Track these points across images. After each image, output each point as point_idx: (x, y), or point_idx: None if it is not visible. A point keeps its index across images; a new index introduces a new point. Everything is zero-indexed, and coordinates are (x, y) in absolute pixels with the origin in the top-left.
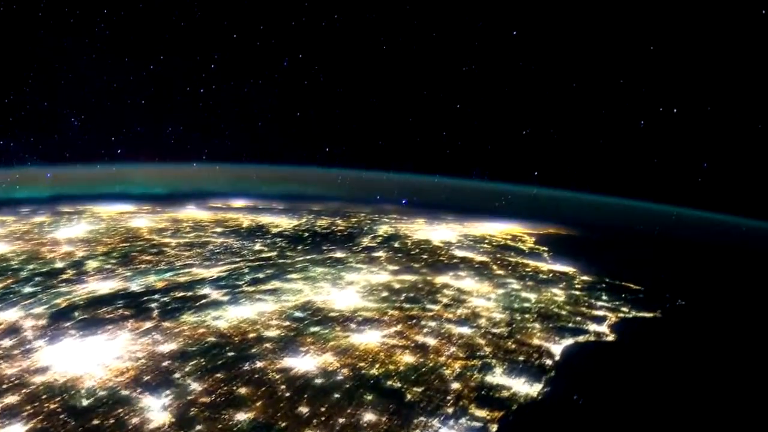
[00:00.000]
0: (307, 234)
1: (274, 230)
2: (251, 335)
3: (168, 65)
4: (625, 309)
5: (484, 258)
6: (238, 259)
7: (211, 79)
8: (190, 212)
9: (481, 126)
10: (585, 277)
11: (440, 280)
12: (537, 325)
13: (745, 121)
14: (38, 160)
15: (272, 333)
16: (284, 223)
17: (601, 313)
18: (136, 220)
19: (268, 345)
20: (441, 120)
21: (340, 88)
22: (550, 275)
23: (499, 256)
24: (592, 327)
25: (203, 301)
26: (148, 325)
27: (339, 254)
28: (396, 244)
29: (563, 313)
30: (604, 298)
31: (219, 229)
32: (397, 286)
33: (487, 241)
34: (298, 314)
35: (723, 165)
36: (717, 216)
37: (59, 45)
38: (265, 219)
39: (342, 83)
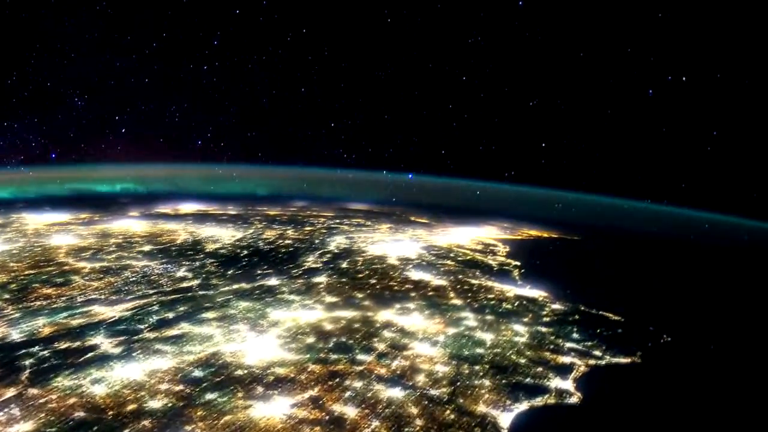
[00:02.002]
0: (245, 252)
1: (210, 247)
2: (130, 407)
3: (170, 43)
4: (597, 352)
5: (442, 281)
6: (151, 291)
7: (214, 56)
8: (128, 222)
9: (487, 98)
10: (556, 306)
11: (382, 316)
12: (487, 382)
13: (754, 90)
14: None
15: (157, 403)
16: (226, 236)
17: (567, 360)
18: (60, 236)
19: (146, 422)
20: (446, 92)
21: (344, 62)
22: (516, 304)
23: (460, 277)
24: (554, 382)
25: (89, 354)
26: (10, 393)
27: (273, 281)
28: (344, 264)
29: (522, 361)
30: (574, 336)
31: (147, 248)
32: (328, 327)
33: (452, 254)
34: (197, 373)
35: (732, 137)
36: (720, 216)
37: (60, 25)
38: (206, 231)
39: (346, 57)
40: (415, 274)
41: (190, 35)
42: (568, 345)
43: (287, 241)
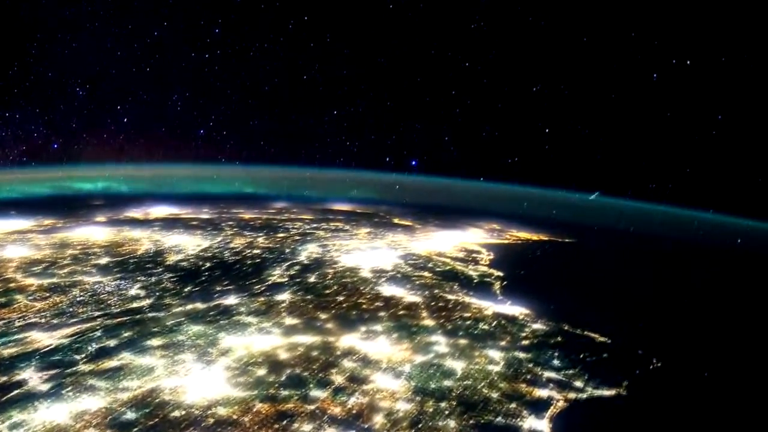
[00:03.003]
0: (208, 264)
1: (171, 259)
2: None
3: (171, 32)
4: (578, 383)
5: (415, 297)
6: (98, 314)
7: (216, 45)
8: (91, 229)
9: (490, 84)
10: (537, 325)
11: (345, 341)
12: (452, 423)
13: (759, 73)
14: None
15: None
16: (191, 244)
17: (545, 393)
18: (15, 247)
19: None
20: (449, 78)
21: (346, 49)
22: (493, 324)
23: (436, 292)
24: (528, 423)
25: (14, 392)
26: None
27: (231, 300)
28: (312, 279)
29: (494, 396)
30: (555, 363)
31: (104, 260)
32: (283, 356)
33: (431, 264)
34: (129, 415)
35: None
36: (725, 217)
37: (61, 14)
38: (171, 239)
39: (348, 44)
40: (387, 289)
41: (191, 24)
42: (547, 374)
43: (255, 251)
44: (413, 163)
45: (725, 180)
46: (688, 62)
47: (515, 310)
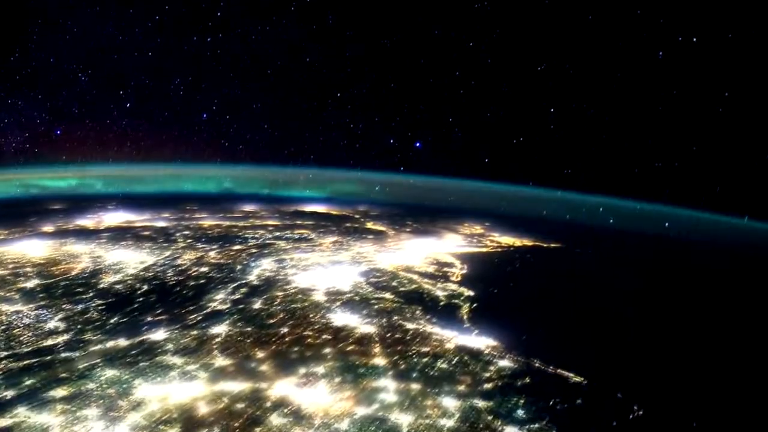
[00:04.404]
0: (145, 288)
1: (106, 281)
2: None
3: (172, 16)
4: None
5: (370, 327)
6: (4, 354)
7: (218, 27)
8: (32, 243)
9: (494, 64)
10: (504, 362)
11: (278, 389)
12: None
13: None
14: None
15: None
16: (134, 261)
17: None
18: None
19: None
20: (453, 59)
21: (349, 31)
22: (454, 361)
23: (395, 319)
24: None
25: None
26: None
27: (159, 334)
28: (257, 304)
29: None
30: (519, 413)
31: (32, 283)
32: (202, 410)
33: (395, 282)
34: None
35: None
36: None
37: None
38: (114, 255)
39: (351, 26)
40: (339, 317)
41: (192, 7)
42: (509, 430)
43: (203, 269)
44: (417, 144)
45: (728, 165)
46: (695, 39)
47: (481, 342)
